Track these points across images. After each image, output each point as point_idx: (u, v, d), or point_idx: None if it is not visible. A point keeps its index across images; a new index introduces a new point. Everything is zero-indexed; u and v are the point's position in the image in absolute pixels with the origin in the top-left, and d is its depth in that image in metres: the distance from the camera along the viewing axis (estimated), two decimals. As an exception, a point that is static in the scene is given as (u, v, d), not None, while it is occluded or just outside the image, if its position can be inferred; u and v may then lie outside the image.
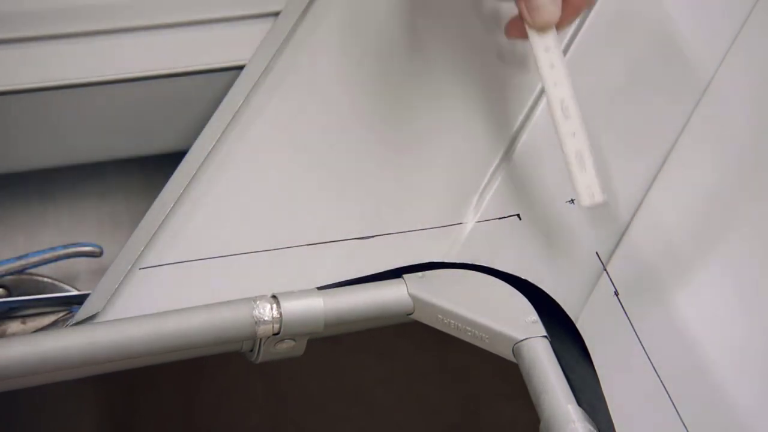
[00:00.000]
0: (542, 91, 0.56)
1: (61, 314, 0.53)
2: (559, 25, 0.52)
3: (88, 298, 0.50)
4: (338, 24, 0.58)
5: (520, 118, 0.56)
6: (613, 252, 0.51)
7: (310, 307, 0.49)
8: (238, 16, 0.59)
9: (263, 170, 0.55)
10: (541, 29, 0.52)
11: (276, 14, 0.59)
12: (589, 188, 0.49)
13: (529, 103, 0.56)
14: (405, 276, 0.51)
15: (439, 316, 0.50)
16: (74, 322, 0.49)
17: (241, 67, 0.58)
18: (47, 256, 0.54)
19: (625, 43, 0.58)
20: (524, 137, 0.56)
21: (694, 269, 0.49)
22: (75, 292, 0.54)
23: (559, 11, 0.51)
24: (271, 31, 0.58)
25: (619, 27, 0.57)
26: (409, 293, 0.51)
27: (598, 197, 0.49)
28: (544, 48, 0.52)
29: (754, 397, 0.45)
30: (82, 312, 0.49)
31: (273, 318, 0.48)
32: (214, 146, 0.55)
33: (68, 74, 0.55)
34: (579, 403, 0.46)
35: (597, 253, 0.51)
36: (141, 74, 0.57)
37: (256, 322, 0.47)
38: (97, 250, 0.55)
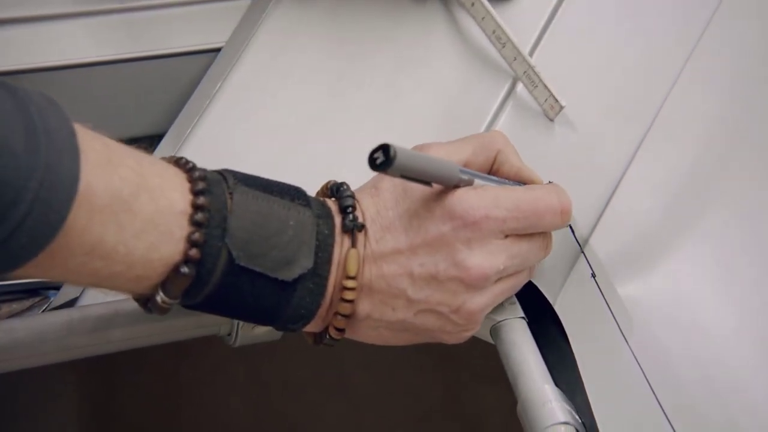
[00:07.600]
0: (515, 81, 0.56)
1: (36, 300, 0.52)
2: None
3: (66, 284, 0.50)
4: (314, 5, 0.58)
5: (497, 101, 0.56)
6: (590, 234, 0.52)
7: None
8: (214, -1, 0.58)
9: (241, 154, 0.55)
10: None
11: (252, -4, 0.59)
12: (547, 101, 0.51)
13: (506, 86, 0.56)
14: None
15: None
16: (52, 307, 0.49)
17: (217, 50, 0.58)
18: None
19: (599, 27, 0.58)
20: (502, 119, 0.56)
21: (669, 251, 0.50)
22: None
23: None
24: (247, 13, 0.58)
25: (593, 13, 0.57)
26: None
27: (561, 104, 0.52)
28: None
29: (730, 374, 0.45)
30: (60, 297, 0.49)
31: (250, 301, 0.48)
32: (190, 130, 0.55)
33: (39, 59, 0.55)
34: (556, 383, 0.46)
35: (574, 235, 0.52)
36: (115, 57, 0.56)
37: (233, 306, 0.47)
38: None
